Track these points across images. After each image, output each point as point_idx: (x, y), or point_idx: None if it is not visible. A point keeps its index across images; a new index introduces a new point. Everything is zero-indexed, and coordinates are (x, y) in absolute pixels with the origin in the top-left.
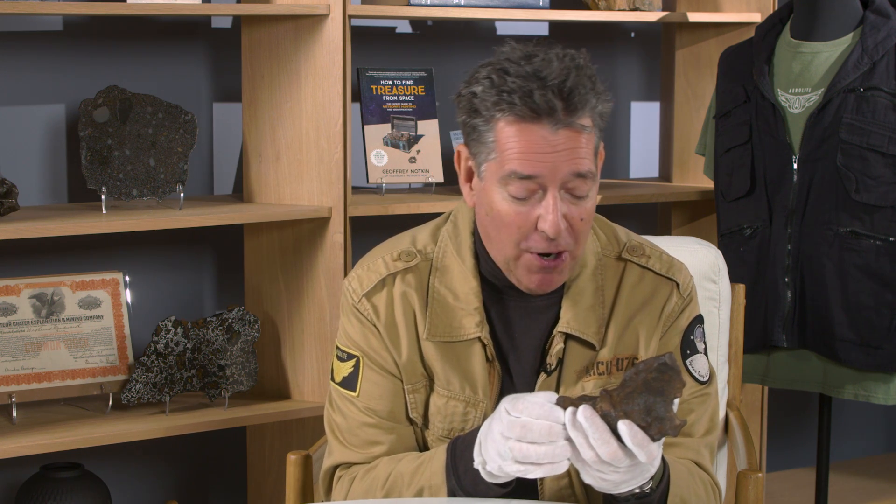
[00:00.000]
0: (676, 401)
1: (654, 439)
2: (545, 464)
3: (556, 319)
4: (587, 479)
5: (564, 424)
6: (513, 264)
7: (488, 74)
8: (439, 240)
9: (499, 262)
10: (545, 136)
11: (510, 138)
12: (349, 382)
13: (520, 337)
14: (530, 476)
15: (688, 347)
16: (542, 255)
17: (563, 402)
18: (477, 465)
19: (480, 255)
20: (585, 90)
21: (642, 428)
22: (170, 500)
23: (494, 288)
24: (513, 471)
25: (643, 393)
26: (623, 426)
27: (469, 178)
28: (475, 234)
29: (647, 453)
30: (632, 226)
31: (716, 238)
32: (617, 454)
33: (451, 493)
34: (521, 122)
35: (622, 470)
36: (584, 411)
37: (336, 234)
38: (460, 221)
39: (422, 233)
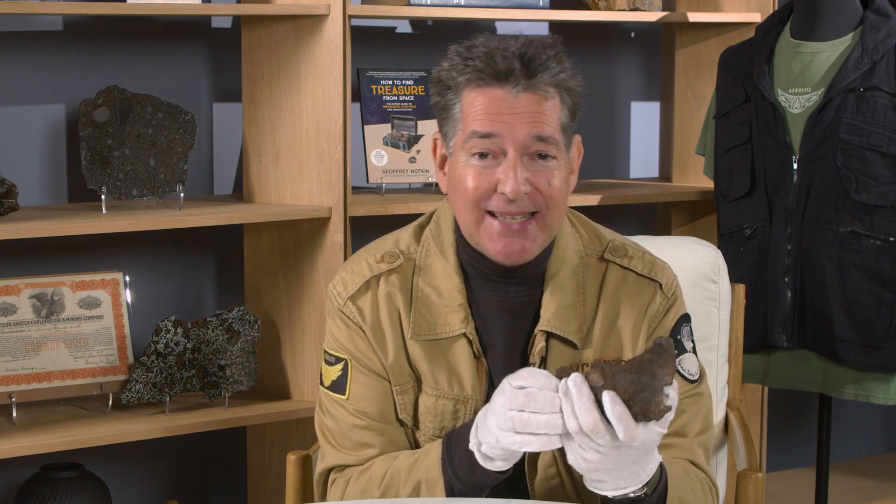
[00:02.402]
0: (670, 391)
1: (636, 418)
2: (542, 434)
3: (537, 318)
4: (570, 458)
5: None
6: (475, 232)
7: (456, 49)
8: (422, 239)
9: (467, 236)
10: (505, 98)
11: (473, 103)
12: (338, 385)
13: (499, 333)
14: (525, 449)
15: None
16: (503, 219)
17: (561, 373)
18: (472, 446)
19: (461, 249)
20: (546, 57)
21: (625, 402)
22: (170, 500)
23: (475, 282)
24: (509, 442)
25: (635, 372)
26: (606, 396)
27: (442, 166)
28: (457, 231)
29: (626, 429)
30: (632, 226)
31: (716, 238)
32: (598, 426)
33: (448, 485)
34: (483, 87)
35: (603, 449)
36: (574, 379)
37: (336, 234)
38: (443, 220)
39: (404, 233)
